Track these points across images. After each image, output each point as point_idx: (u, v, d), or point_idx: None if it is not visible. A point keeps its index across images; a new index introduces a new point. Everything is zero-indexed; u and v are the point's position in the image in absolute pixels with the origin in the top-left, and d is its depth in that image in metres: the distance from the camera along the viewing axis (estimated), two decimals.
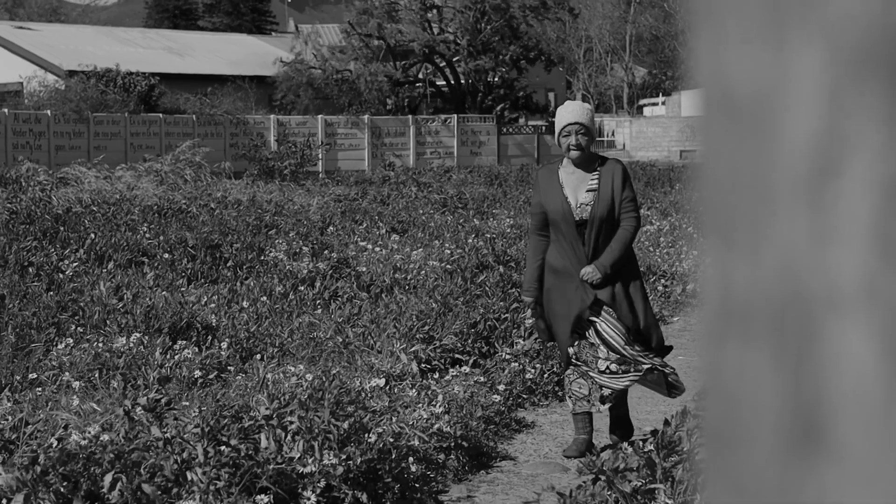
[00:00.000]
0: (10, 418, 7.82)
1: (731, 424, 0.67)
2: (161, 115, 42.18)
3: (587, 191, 8.45)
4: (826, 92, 0.62)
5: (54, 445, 7.22)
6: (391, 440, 8.12)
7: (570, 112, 8.49)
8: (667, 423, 7.47)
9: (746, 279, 0.65)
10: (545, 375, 10.67)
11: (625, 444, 7.45)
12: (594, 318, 8.48)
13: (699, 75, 0.64)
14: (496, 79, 53.69)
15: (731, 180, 0.65)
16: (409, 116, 48.56)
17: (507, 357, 10.87)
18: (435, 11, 52.77)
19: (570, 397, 8.75)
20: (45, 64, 50.07)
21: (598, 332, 8.49)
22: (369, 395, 9.12)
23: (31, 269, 14.79)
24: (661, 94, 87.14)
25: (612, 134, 74.00)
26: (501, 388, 9.96)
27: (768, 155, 0.64)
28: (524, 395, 10.38)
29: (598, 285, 8.38)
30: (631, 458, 7.28)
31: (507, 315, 12.12)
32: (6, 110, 38.63)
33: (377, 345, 11.17)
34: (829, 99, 0.62)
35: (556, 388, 10.66)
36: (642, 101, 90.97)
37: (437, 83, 55.17)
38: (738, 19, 0.63)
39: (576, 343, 8.54)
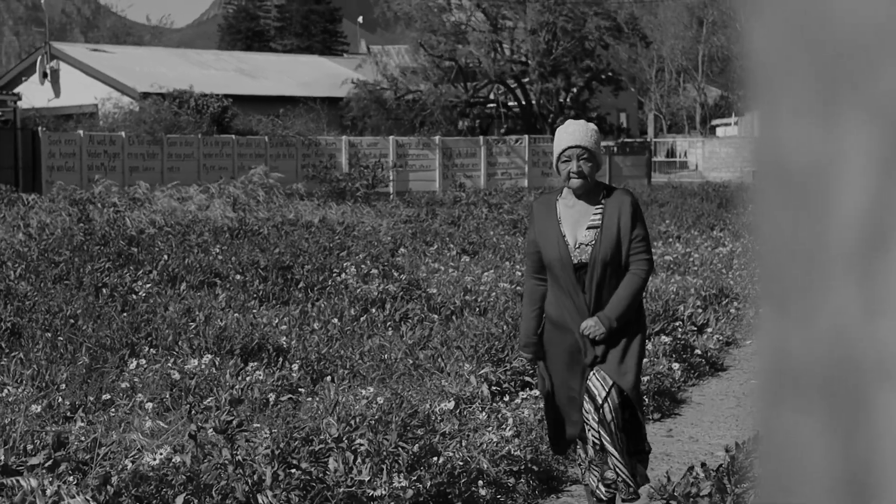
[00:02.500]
0: (83, 439, 7.89)
1: (785, 486, 0.68)
2: (234, 136, 42.47)
3: (588, 228, 7.06)
4: (876, 166, 0.64)
5: (128, 467, 7.28)
6: (461, 463, 8.13)
7: (570, 134, 7.11)
8: (738, 447, 7.43)
9: (800, 346, 0.66)
10: None
11: (696, 468, 7.40)
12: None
13: (754, 147, 0.66)
14: (567, 99, 53.64)
15: (785, 250, 0.66)
16: (480, 137, 48.61)
17: None
18: (506, 32, 52.83)
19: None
20: (119, 86, 50.57)
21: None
22: (439, 417, 9.13)
23: (104, 291, 14.93)
24: (733, 115, 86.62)
25: (685, 154, 73.65)
26: None
27: (821, 227, 0.65)
28: None
29: (602, 341, 7.02)
30: (703, 484, 7.25)
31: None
32: (81, 132, 39.06)
33: (447, 367, 11.18)
34: (880, 173, 0.64)
35: None
36: (715, 122, 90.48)
37: (508, 104, 55.21)
38: (791, 95, 0.65)
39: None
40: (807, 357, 0.67)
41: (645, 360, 8.93)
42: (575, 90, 53.12)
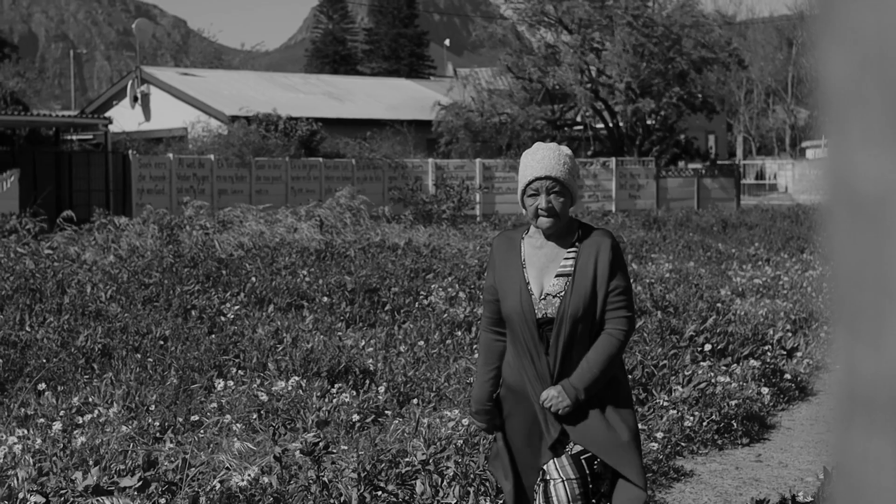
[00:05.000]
0: (173, 459, 7.98)
1: None
2: (321, 159, 42.72)
3: (557, 275, 5.76)
4: None
5: (216, 487, 7.35)
6: None
7: (538, 161, 5.78)
8: (828, 472, 7.37)
9: (870, 369, 0.67)
10: (704, 423, 10.57)
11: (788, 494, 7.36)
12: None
13: (826, 174, 0.66)
14: (655, 122, 53.45)
15: (856, 275, 0.67)
16: None
17: (665, 404, 10.78)
18: (594, 55, 52.75)
19: None
20: (208, 109, 51.09)
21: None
22: None
23: (193, 313, 15.07)
24: (824, 136, 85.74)
25: (775, 177, 73.18)
26: (659, 435, 9.89)
27: (890, 252, 0.66)
28: (682, 444, 10.29)
29: (569, 416, 5.65)
30: None
31: (664, 362, 12.03)
32: (171, 155, 39.47)
33: None
34: None
35: (716, 437, 10.55)
36: (805, 143, 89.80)
37: (596, 126, 55.11)
38: (863, 124, 0.65)
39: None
40: (877, 380, 0.68)
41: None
42: (663, 113, 52.90)
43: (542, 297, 5.71)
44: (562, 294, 5.67)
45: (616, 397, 5.73)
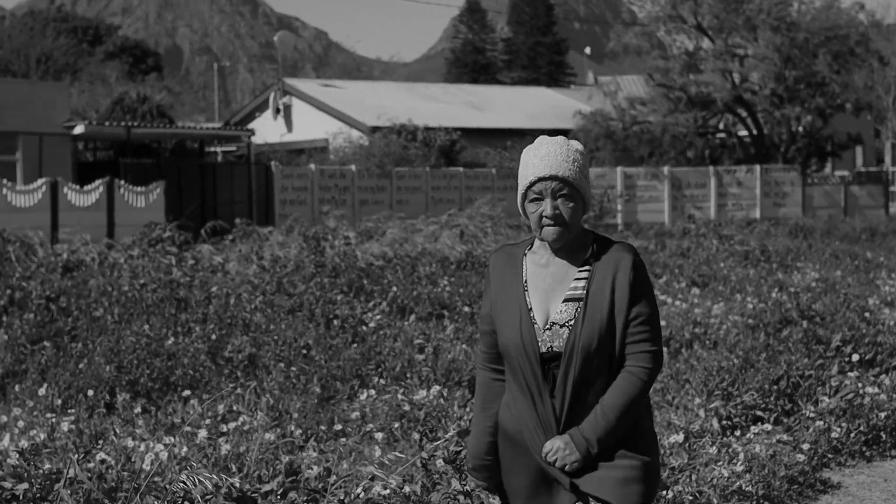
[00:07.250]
0: (315, 468, 8.00)
1: None
2: (461, 168, 42.85)
3: (566, 300, 4.69)
4: None
5: (360, 496, 7.36)
6: (690, 498, 8.01)
7: (541, 159, 4.72)
8: None
9: None
10: (852, 435, 10.36)
11: None
12: None
13: None
14: (800, 128, 52.64)
15: None
16: (710, 167, 48.04)
17: (812, 415, 10.59)
18: (737, 61, 52.13)
19: None
20: (349, 120, 51.49)
21: None
22: (668, 451, 9.02)
23: (335, 322, 15.15)
24: None
25: None
26: (806, 447, 9.71)
27: None
28: (829, 455, 10.10)
29: (578, 471, 4.66)
30: None
31: (811, 372, 11.81)
32: (313, 166, 39.86)
33: (675, 400, 11.04)
34: None
35: (864, 449, 10.34)
36: None
37: (739, 133, 54.44)
38: None
39: None
40: None
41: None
42: (809, 118, 52.08)
43: (548, 326, 4.68)
44: (571, 323, 4.65)
45: (636, 442, 4.71)
